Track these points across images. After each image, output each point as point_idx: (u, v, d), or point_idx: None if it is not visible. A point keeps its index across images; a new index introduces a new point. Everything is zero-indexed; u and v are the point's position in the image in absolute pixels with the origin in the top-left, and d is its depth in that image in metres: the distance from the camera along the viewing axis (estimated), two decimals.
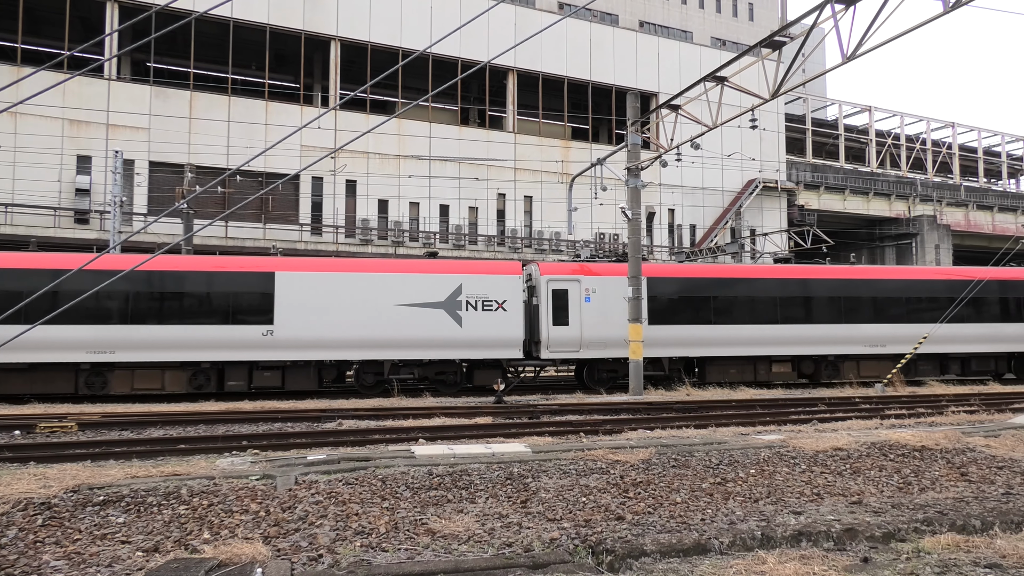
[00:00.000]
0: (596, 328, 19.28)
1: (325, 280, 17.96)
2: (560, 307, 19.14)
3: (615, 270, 19.99)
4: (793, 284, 21.26)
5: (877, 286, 21.84)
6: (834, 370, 21.47)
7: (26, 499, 6.15)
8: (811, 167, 46.53)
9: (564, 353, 19.32)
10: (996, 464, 8.36)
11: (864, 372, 21.45)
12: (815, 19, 14.19)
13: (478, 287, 18.66)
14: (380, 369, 18.38)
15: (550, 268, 19.81)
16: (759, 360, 20.74)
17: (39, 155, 27.26)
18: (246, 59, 32.94)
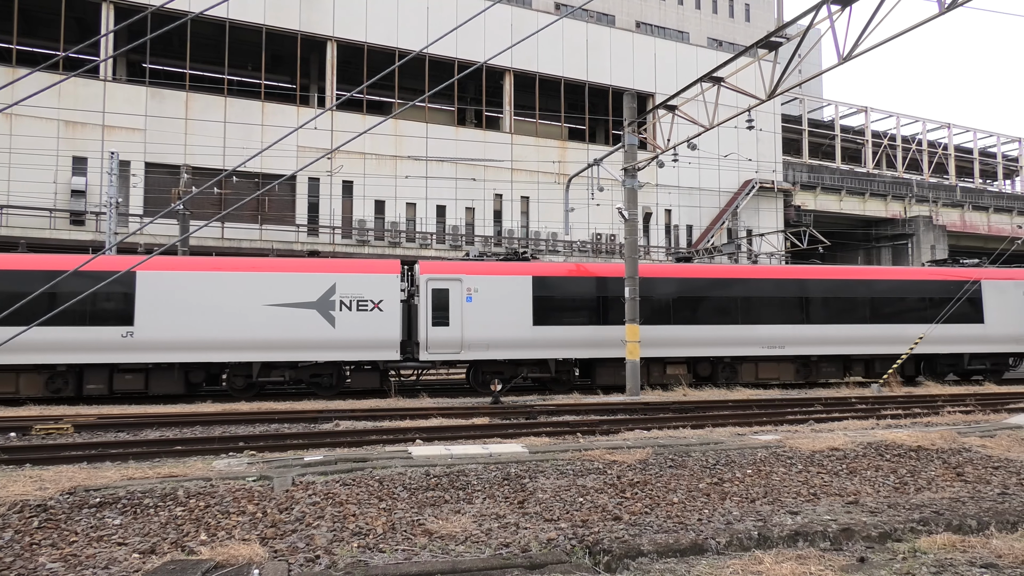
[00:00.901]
0: (478, 329, 18.64)
1: (189, 279, 17.36)
2: (440, 307, 18.53)
3: (500, 269, 19.40)
4: (687, 284, 20.68)
5: (775, 286, 21.25)
6: (732, 372, 20.80)
7: (22, 501, 6.14)
8: (807, 168, 46.62)
9: (444, 355, 18.57)
10: (992, 464, 8.39)
11: (762, 374, 20.83)
12: (811, 20, 14.22)
13: (353, 286, 18.04)
14: (250, 371, 17.80)
15: (430, 267, 19.13)
16: (652, 361, 19.93)
17: (34, 156, 27.18)
18: (242, 60, 32.89)
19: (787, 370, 21.02)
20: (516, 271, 19.44)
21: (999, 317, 22.50)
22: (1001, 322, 22.45)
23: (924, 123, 54.00)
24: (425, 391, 19.28)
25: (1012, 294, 22.86)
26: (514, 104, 36.18)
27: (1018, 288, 23.00)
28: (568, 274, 19.97)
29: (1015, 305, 22.76)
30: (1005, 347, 22.58)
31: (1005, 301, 22.72)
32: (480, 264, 19.59)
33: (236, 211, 28.31)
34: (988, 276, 22.95)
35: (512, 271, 19.41)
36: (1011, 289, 22.92)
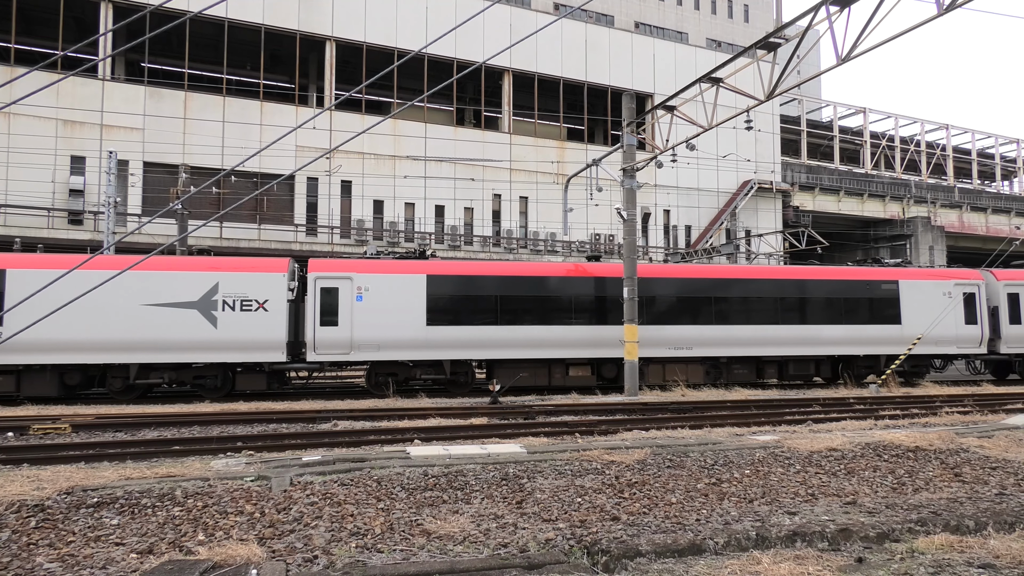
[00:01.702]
0: (369, 329, 18.10)
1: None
2: (329, 307, 18.00)
3: (393, 268, 18.84)
4: (590, 283, 19.94)
5: (682, 285, 20.61)
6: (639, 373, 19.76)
7: (19, 501, 6.13)
8: (806, 168, 46.66)
9: (333, 356, 18.03)
10: (990, 465, 8.40)
11: (670, 375, 20.15)
12: (810, 21, 14.23)
13: (237, 286, 17.46)
14: (128, 373, 17.23)
15: (320, 265, 18.51)
16: (554, 363, 19.44)
17: (33, 156, 27.15)
18: (241, 59, 32.87)
19: (696, 372, 20.35)
20: (409, 269, 18.83)
21: (917, 318, 21.92)
22: (919, 323, 21.87)
23: (922, 124, 54.07)
24: (424, 391, 19.27)
25: (931, 294, 22.27)
26: (513, 104, 36.19)
27: (937, 288, 22.41)
28: (465, 273, 19.34)
29: (934, 305, 22.17)
30: (923, 348, 21.94)
31: (924, 301, 22.12)
32: (372, 262, 18.94)
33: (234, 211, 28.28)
34: (906, 276, 22.44)
35: (405, 269, 18.79)
36: (930, 289, 22.34)
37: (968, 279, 22.90)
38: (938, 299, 22.29)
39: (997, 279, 23.28)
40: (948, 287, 22.49)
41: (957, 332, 22.32)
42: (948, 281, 22.65)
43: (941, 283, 22.56)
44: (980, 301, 22.62)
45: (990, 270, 24.00)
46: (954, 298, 22.37)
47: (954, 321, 22.28)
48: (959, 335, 22.35)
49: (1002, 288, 23.09)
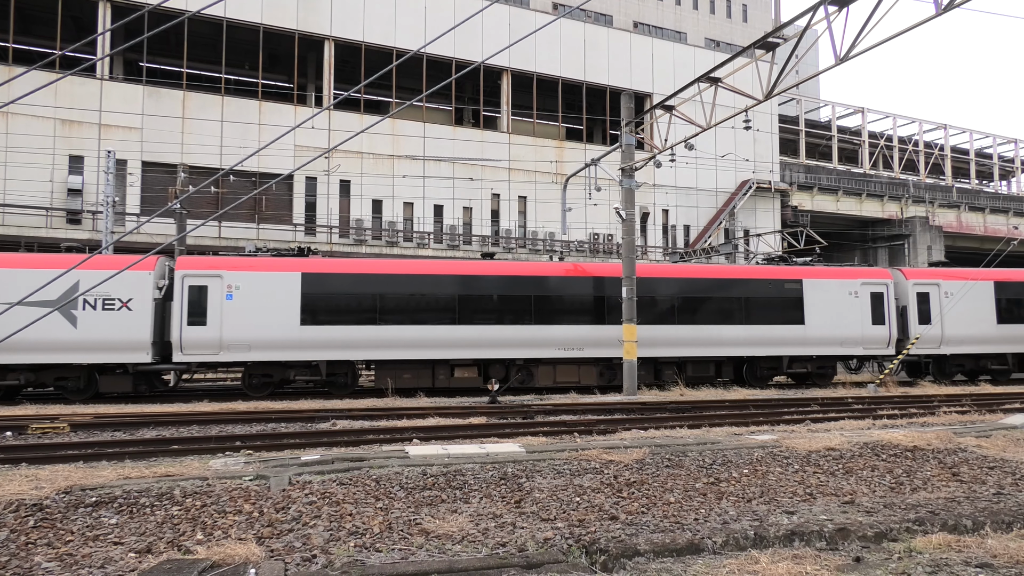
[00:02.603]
0: (239, 329, 17.55)
1: None
2: (196, 305, 17.42)
3: (266, 265, 18.21)
4: (475, 282, 19.23)
5: (571, 284, 19.84)
6: (527, 375, 19.52)
7: (18, 500, 6.13)
8: (804, 168, 46.69)
9: (201, 356, 17.50)
10: (987, 464, 8.41)
11: (561, 377, 19.48)
12: (808, 21, 14.25)
13: (98, 284, 17.14)
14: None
15: (188, 263, 17.87)
16: (439, 364, 18.84)
17: (31, 155, 27.12)
18: (239, 59, 32.84)
19: (588, 373, 19.70)
20: (283, 267, 18.19)
21: (821, 318, 21.24)
22: (823, 323, 21.22)
23: (921, 124, 54.11)
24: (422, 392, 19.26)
25: (836, 294, 21.55)
26: (512, 104, 36.19)
27: (843, 288, 21.68)
28: (343, 271, 18.67)
29: (839, 305, 21.50)
30: (827, 349, 21.33)
31: (828, 301, 21.42)
32: (244, 260, 18.33)
33: (233, 210, 28.26)
34: (810, 275, 21.69)
35: (279, 267, 18.14)
36: (835, 289, 21.62)
37: (876, 278, 22.22)
38: (844, 299, 21.60)
39: (906, 277, 22.70)
40: (854, 286, 21.80)
41: (863, 332, 21.62)
42: (854, 280, 21.94)
43: (847, 282, 21.86)
44: (888, 300, 21.94)
45: (900, 268, 23.28)
46: (860, 297, 21.69)
47: (860, 321, 21.60)
48: (865, 335, 21.64)
49: (911, 287, 22.45)
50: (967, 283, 22.82)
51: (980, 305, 22.78)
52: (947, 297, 22.45)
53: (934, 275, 23.02)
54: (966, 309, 22.48)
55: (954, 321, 22.35)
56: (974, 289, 22.80)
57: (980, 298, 22.84)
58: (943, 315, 22.26)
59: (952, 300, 22.44)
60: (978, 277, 23.25)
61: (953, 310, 22.37)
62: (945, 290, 22.52)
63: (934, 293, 22.48)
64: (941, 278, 22.81)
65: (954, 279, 22.85)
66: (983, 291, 22.94)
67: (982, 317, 22.71)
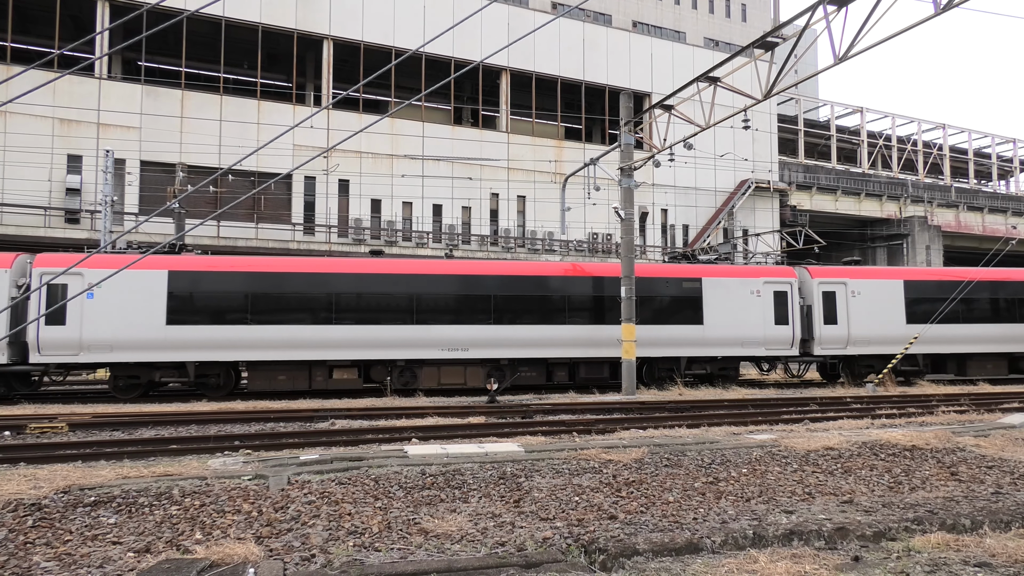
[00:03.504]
0: (100, 329, 16.92)
1: None
2: (56, 304, 16.68)
3: (127, 262, 17.12)
4: (353, 280, 18.55)
5: (456, 283, 19.16)
6: (411, 376, 18.87)
7: (16, 500, 6.12)
8: (803, 168, 46.73)
9: (60, 357, 16.88)
10: (986, 464, 8.42)
11: (445, 379, 18.90)
12: (807, 20, 14.25)
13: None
14: None
15: (47, 260, 17.09)
16: (316, 365, 18.22)
17: (29, 154, 27.09)
18: (238, 58, 32.82)
19: (476, 374, 19.06)
20: (149, 265, 17.45)
21: (721, 317, 20.54)
22: (723, 323, 20.52)
23: (919, 124, 54.14)
24: (421, 393, 19.25)
25: (737, 293, 20.87)
26: (511, 103, 36.19)
27: (745, 286, 20.98)
28: (213, 269, 17.91)
29: (741, 305, 20.81)
30: (728, 350, 20.65)
31: (729, 300, 20.72)
32: (108, 257, 17.57)
33: (232, 210, 28.25)
34: (710, 273, 21.04)
35: (144, 265, 17.39)
36: (736, 287, 20.93)
37: (779, 276, 21.54)
38: (745, 298, 20.93)
39: (812, 276, 21.91)
40: (756, 285, 21.16)
41: (765, 333, 20.94)
42: (757, 279, 21.29)
43: (748, 281, 21.18)
44: (792, 300, 21.29)
45: (806, 267, 22.59)
46: (763, 297, 21.04)
47: (762, 321, 20.93)
48: (767, 336, 20.95)
49: (816, 286, 21.72)
50: (875, 282, 22.20)
51: (889, 304, 22.06)
52: (854, 296, 21.77)
53: (841, 273, 22.28)
54: (874, 308, 21.84)
55: (861, 321, 21.69)
56: (883, 288, 22.15)
57: (889, 297, 22.12)
58: (849, 315, 21.63)
59: (859, 299, 21.77)
60: (887, 276, 22.66)
61: (861, 310, 21.73)
62: (852, 289, 21.84)
63: (841, 292, 21.79)
64: (848, 277, 22.10)
65: (862, 278, 22.20)
66: (892, 290, 22.24)
67: (891, 317, 22.00)
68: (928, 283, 22.67)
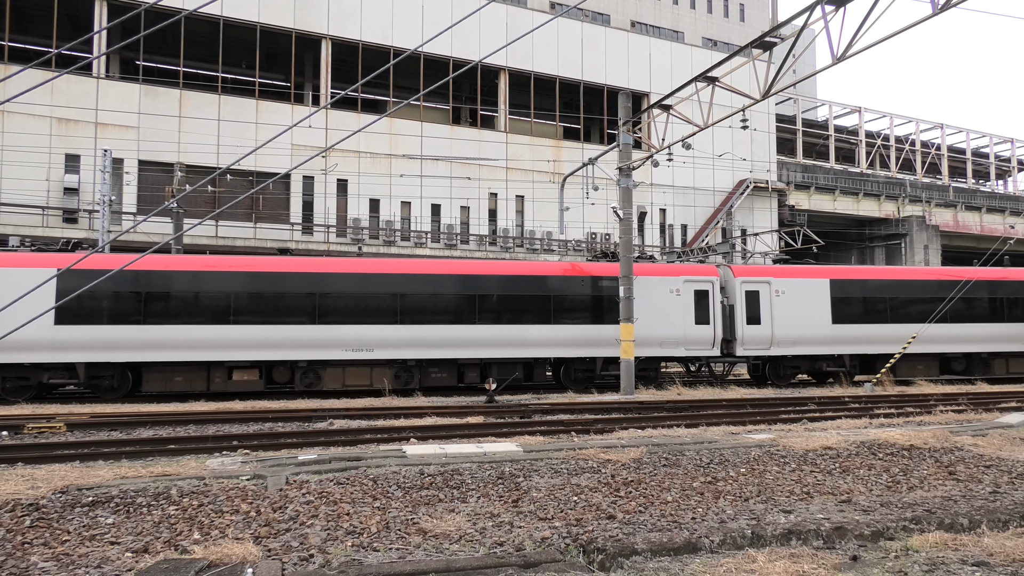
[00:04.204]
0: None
1: None
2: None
3: (21, 261, 16.81)
4: (253, 279, 17.95)
5: (361, 281, 18.58)
6: (315, 378, 18.41)
7: (14, 500, 6.11)
8: (801, 167, 46.76)
9: None
10: (984, 463, 8.43)
11: (351, 380, 18.37)
12: (805, 20, 14.26)
13: None
14: None
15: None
16: (214, 366, 17.67)
17: (27, 154, 27.05)
18: (236, 58, 32.79)
19: (382, 375, 18.56)
20: (38, 263, 16.73)
21: (639, 317, 19.70)
22: (641, 322, 19.69)
23: (917, 123, 54.18)
24: (420, 391, 19.24)
25: (656, 291, 20.31)
26: (509, 103, 36.18)
27: (664, 285, 20.40)
28: (103, 267, 17.12)
29: (659, 304, 20.26)
30: (645, 350, 19.96)
31: (647, 299, 20.11)
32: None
33: (230, 209, 28.23)
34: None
35: (32, 263, 16.69)
36: (655, 286, 20.34)
37: (701, 275, 21.02)
38: (664, 297, 20.40)
39: (735, 275, 21.37)
40: (676, 284, 20.62)
41: (685, 332, 20.44)
42: (676, 277, 20.75)
43: (668, 279, 20.62)
44: (713, 299, 20.79)
45: (730, 265, 22.03)
46: (683, 296, 20.54)
47: (682, 320, 20.44)
48: (688, 336, 20.45)
49: (739, 285, 21.14)
50: (800, 281, 21.58)
51: (814, 304, 21.48)
52: (778, 296, 21.21)
53: (765, 272, 21.77)
54: (799, 308, 21.27)
55: (786, 321, 21.14)
56: (808, 288, 21.54)
57: (814, 297, 21.53)
58: (773, 315, 21.10)
59: (784, 299, 21.22)
60: (813, 275, 21.98)
61: (785, 309, 21.19)
62: (776, 288, 21.30)
63: (764, 291, 21.23)
64: (772, 276, 21.57)
65: (787, 277, 21.66)
66: (818, 289, 21.62)
67: (816, 317, 21.42)
68: (856, 282, 22.10)
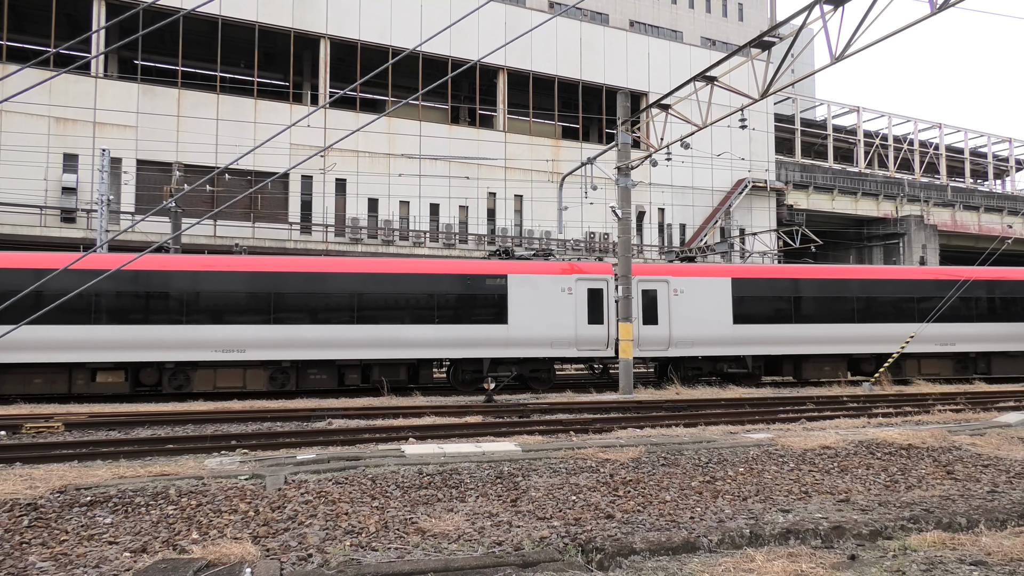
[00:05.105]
0: None
1: None
2: None
3: None
4: (117, 278, 17.02)
5: (235, 279, 17.85)
6: (185, 379, 17.72)
7: (12, 500, 6.10)
8: (800, 167, 46.77)
9: None
10: (982, 462, 8.44)
11: (222, 382, 17.78)
12: (804, 20, 14.27)
13: None
14: None
15: None
16: (76, 368, 17.04)
17: (25, 153, 27.01)
18: (235, 57, 32.76)
19: (257, 377, 17.95)
20: None
21: (528, 316, 19.31)
22: (530, 322, 19.29)
23: (915, 123, 54.22)
24: (418, 390, 19.24)
25: (547, 290, 19.68)
26: (508, 102, 36.17)
27: (555, 284, 19.77)
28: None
29: (550, 303, 19.66)
30: (536, 351, 19.39)
31: (537, 298, 19.53)
32: None
33: (229, 209, 28.20)
34: (516, 270, 19.69)
35: None
36: (546, 285, 19.70)
37: (594, 273, 20.30)
38: (556, 296, 19.75)
39: (632, 274, 20.26)
40: (568, 282, 19.92)
41: (578, 332, 19.73)
42: (568, 276, 20.03)
43: (559, 277, 19.91)
44: (607, 298, 20.08)
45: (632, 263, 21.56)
46: (575, 294, 19.88)
47: (574, 320, 19.76)
48: (580, 336, 19.75)
49: (636, 284, 20.31)
50: (700, 280, 20.89)
51: (715, 304, 20.82)
52: (676, 295, 20.59)
53: (664, 271, 21.19)
54: (699, 308, 20.60)
55: (685, 321, 20.48)
56: (709, 286, 20.85)
57: (715, 296, 20.86)
58: (671, 315, 20.49)
59: (683, 298, 20.59)
60: (714, 273, 21.42)
61: (684, 309, 20.56)
62: (675, 287, 20.66)
63: (662, 291, 20.57)
64: (671, 274, 20.95)
65: (686, 275, 21.00)
66: (719, 288, 20.93)
67: (717, 317, 20.76)
68: (759, 281, 21.50)
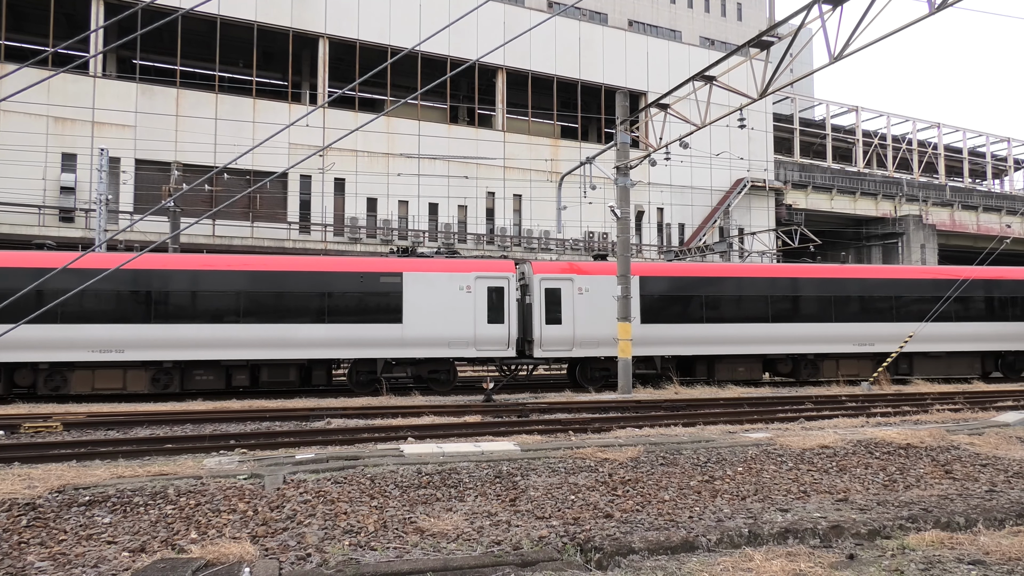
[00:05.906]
0: None
1: None
2: None
3: None
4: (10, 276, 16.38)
5: (106, 278, 16.74)
6: (61, 380, 17.13)
7: (10, 500, 6.10)
8: (799, 167, 46.80)
9: None
10: (980, 462, 8.45)
11: (100, 383, 17.14)
12: (803, 19, 14.27)
13: None
14: None
15: None
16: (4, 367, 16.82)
17: (23, 153, 26.98)
18: (233, 56, 32.73)
19: (138, 379, 17.36)
20: None
21: (424, 315, 18.83)
22: (426, 321, 18.81)
23: (914, 123, 54.26)
24: (416, 389, 19.23)
25: (444, 289, 19.17)
26: (507, 102, 36.17)
27: (452, 282, 19.28)
28: None
29: (448, 301, 19.18)
30: (432, 351, 18.94)
31: (434, 297, 19.03)
32: None
33: (227, 209, 28.19)
34: (412, 267, 19.24)
35: None
36: (443, 283, 19.22)
37: (495, 271, 19.77)
38: (453, 294, 19.24)
39: (534, 271, 20.16)
40: (467, 280, 19.39)
41: (476, 332, 19.19)
42: (467, 274, 19.51)
43: (457, 275, 19.41)
44: (508, 296, 19.53)
45: (530, 261, 20.93)
46: (475, 293, 19.37)
47: (473, 319, 19.23)
48: (479, 335, 19.21)
49: (538, 282, 19.93)
50: (606, 278, 20.15)
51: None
52: (581, 294, 20.01)
53: (568, 269, 20.63)
54: (605, 307, 19.88)
55: (590, 320, 19.89)
56: (615, 285, 19.90)
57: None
58: (575, 314, 19.91)
59: (587, 297, 20.02)
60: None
61: (589, 308, 19.98)
62: (579, 286, 20.08)
63: (567, 289, 20.01)
64: (576, 272, 20.39)
65: (591, 273, 20.40)
66: None
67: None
68: (668, 279, 21.01)
